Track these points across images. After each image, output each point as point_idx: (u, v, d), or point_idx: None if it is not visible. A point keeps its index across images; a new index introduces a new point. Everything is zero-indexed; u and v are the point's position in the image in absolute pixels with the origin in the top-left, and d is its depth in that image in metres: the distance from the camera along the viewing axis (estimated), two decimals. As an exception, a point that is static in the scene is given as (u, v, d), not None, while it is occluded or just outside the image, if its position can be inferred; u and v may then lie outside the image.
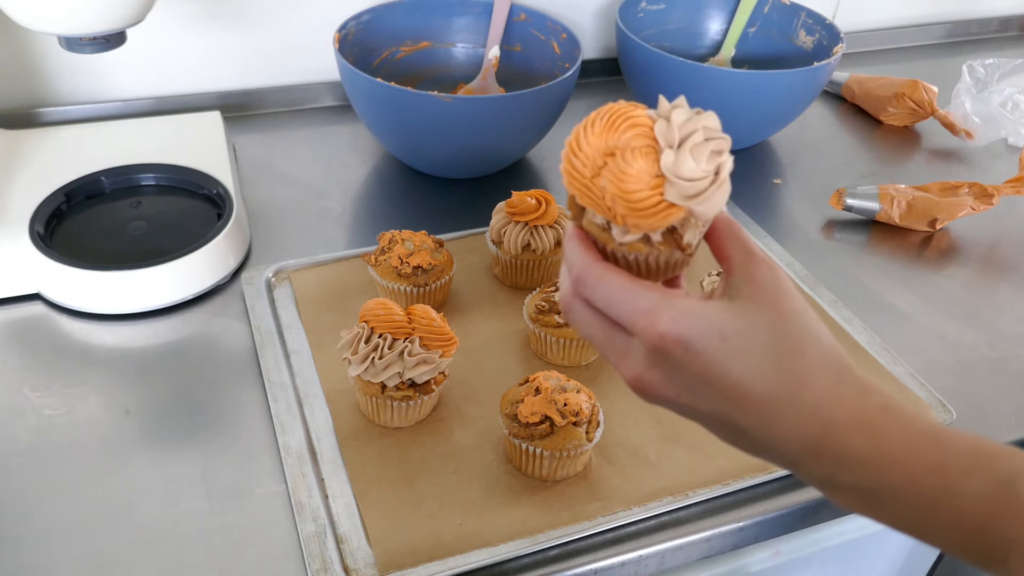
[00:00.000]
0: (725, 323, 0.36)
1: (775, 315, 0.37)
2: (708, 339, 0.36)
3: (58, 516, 0.55)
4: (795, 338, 0.36)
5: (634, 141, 0.37)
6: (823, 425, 0.36)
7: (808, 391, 0.36)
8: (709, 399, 0.37)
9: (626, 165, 0.37)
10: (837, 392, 0.36)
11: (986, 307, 0.79)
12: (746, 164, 0.98)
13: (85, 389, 0.64)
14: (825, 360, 0.37)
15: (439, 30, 0.99)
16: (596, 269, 0.39)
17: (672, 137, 0.37)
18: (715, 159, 0.37)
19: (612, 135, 0.38)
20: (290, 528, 0.55)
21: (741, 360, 0.36)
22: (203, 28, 0.93)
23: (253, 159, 0.91)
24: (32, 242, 0.70)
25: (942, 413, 0.65)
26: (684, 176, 0.36)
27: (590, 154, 0.38)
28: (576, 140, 0.39)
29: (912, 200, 0.87)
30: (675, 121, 0.37)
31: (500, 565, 0.53)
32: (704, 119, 0.38)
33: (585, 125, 0.39)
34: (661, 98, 0.38)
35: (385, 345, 0.58)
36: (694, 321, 0.36)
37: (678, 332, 0.36)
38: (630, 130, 0.37)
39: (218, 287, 0.74)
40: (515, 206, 0.73)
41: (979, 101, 1.03)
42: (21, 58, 0.89)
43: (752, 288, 0.37)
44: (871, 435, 0.36)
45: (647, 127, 0.37)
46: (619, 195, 0.37)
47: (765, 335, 0.36)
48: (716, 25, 1.09)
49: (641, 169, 0.37)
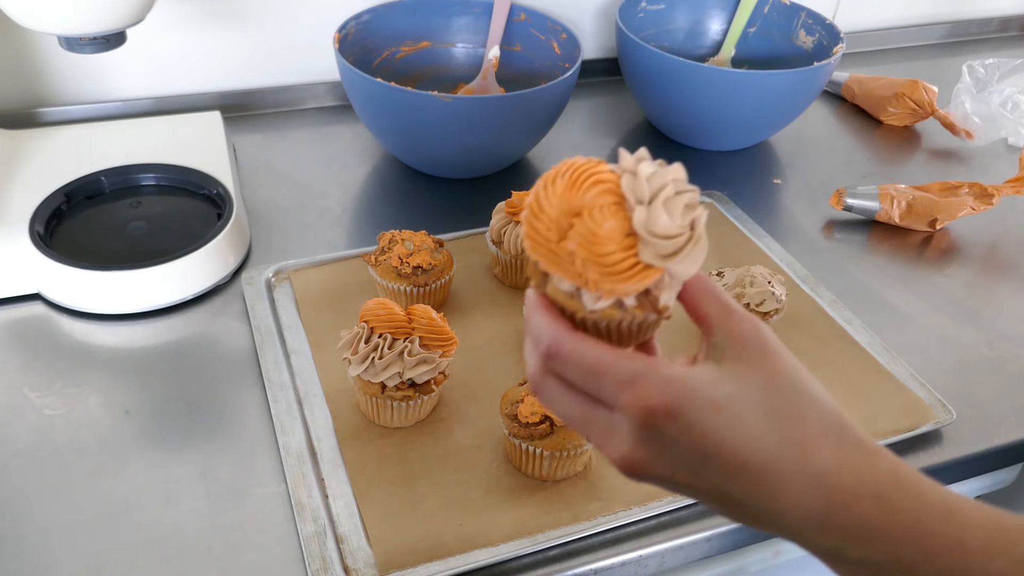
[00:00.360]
0: (716, 390, 0.34)
1: (768, 376, 0.34)
2: (701, 409, 0.33)
3: (58, 516, 0.55)
4: (793, 400, 0.34)
5: (601, 199, 0.34)
6: (830, 495, 0.33)
7: (812, 458, 0.34)
8: (706, 474, 0.34)
9: (596, 225, 0.34)
10: (843, 458, 0.34)
11: (986, 307, 0.79)
12: (746, 164, 0.98)
13: (85, 389, 0.64)
14: (826, 422, 0.34)
15: (439, 30, 0.99)
16: (569, 342, 0.35)
17: (642, 191, 0.34)
18: (689, 213, 0.35)
19: (576, 193, 0.35)
20: (290, 528, 0.55)
21: (738, 429, 0.33)
22: (203, 28, 0.93)
23: (253, 159, 0.91)
24: (32, 242, 0.70)
25: (942, 413, 0.65)
26: (659, 233, 0.34)
27: (554, 215, 0.35)
28: (537, 201, 0.36)
29: (912, 200, 0.87)
30: (642, 174, 0.34)
31: (500, 565, 0.53)
32: (672, 171, 0.35)
33: (545, 184, 0.36)
34: (622, 152, 0.36)
35: (385, 345, 0.58)
36: (684, 391, 0.33)
37: (668, 404, 0.33)
38: (595, 187, 0.35)
39: (218, 287, 0.74)
40: (515, 206, 0.73)
41: (979, 101, 1.03)
42: (21, 58, 0.89)
43: (737, 347, 0.35)
44: (882, 506, 0.33)
45: (612, 183, 0.35)
46: (591, 258, 0.34)
47: (760, 399, 0.34)
48: (716, 25, 1.09)
49: (612, 228, 0.34)
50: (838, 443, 0.34)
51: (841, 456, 0.34)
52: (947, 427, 0.65)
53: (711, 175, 0.95)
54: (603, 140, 1.01)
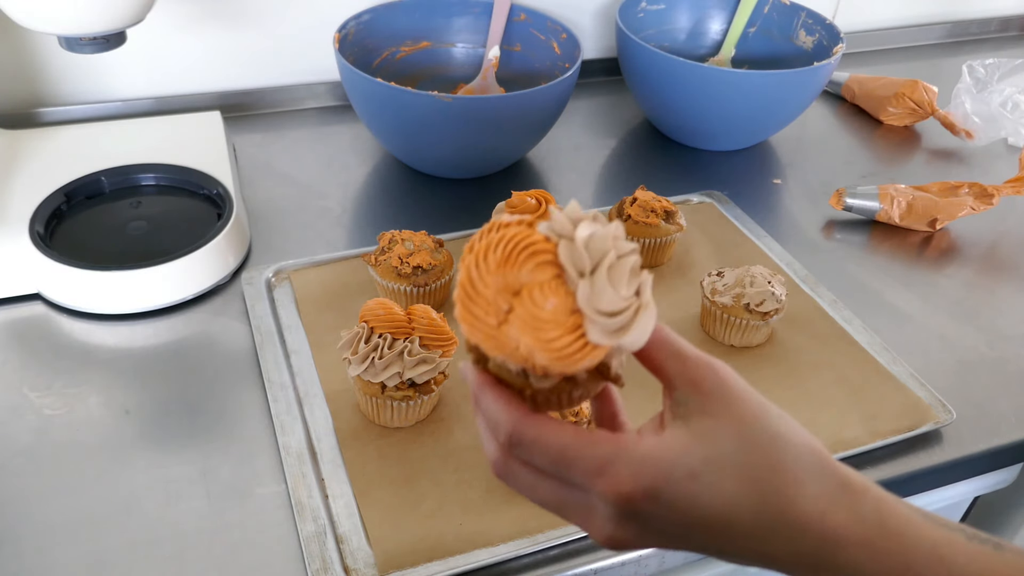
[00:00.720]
0: (689, 457, 0.33)
1: (737, 428, 0.33)
2: (678, 484, 0.32)
3: (58, 516, 0.55)
4: (766, 450, 0.33)
5: (539, 274, 0.32)
6: (816, 542, 0.33)
7: (793, 508, 0.33)
8: (695, 539, 0.34)
9: (537, 309, 0.32)
10: (827, 503, 0.33)
11: (986, 307, 0.79)
12: (746, 164, 0.98)
13: (85, 389, 0.64)
14: (804, 466, 0.34)
15: (439, 30, 0.99)
16: (531, 429, 0.34)
17: (582, 262, 0.32)
18: (635, 279, 0.33)
19: (511, 270, 0.32)
20: (290, 528, 0.55)
21: (718, 492, 0.33)
22: (203, 28, 0.93)
23: (253, 159, 0.91)
24: (32, 242, 0.70)
25: (942, 413, 0.65)
26: (606, 310, 0.32)
27: (490, 297, 0.32)
28: (470, 281, 0.33)
29: (912, 200, 0.87)
30: (580, 241, 0.32)
31: (500, 565, 0.53)
32: (610, 230, 0.33)
33: (476, 261, 0.33)
34: (553, 211, 0.33)
35: (385, 345, 0.58)
36: (658, 470, 0.33)
37: (644, 488, 0.32)
38: (530, 260, 0.32)
39: (218, 287, 0.74)
40: (515, 206, 0.72)
41: (979, 101, 1.03)
42: (21, 58, 0.89)
43: (701, 399, 0.34)
44: (869, 552, 0.33)
45: (549, 253, 0.32)
46: (536, 344, 0.32)
47: (734, 456, 0.33)
48: (716, 25, 1.09)
49: (556, 309, 0.32)
50: (819, 487, 0.33)
51: (824, 502, 0.33)
52: (947, 427, 0.65)
53: (711, 175, 0.95)
54: (603, 140, 1.01)
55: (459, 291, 0.34)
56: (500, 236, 0.33)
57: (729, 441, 0.33)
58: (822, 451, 0.35)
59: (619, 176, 0.96)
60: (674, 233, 0.77)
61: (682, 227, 0.78)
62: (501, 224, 0.34)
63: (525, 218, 0.34)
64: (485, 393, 0.35)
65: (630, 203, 0.78)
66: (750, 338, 0.70)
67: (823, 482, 0.34)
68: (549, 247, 0.33)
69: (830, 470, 0.34)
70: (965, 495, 0.73)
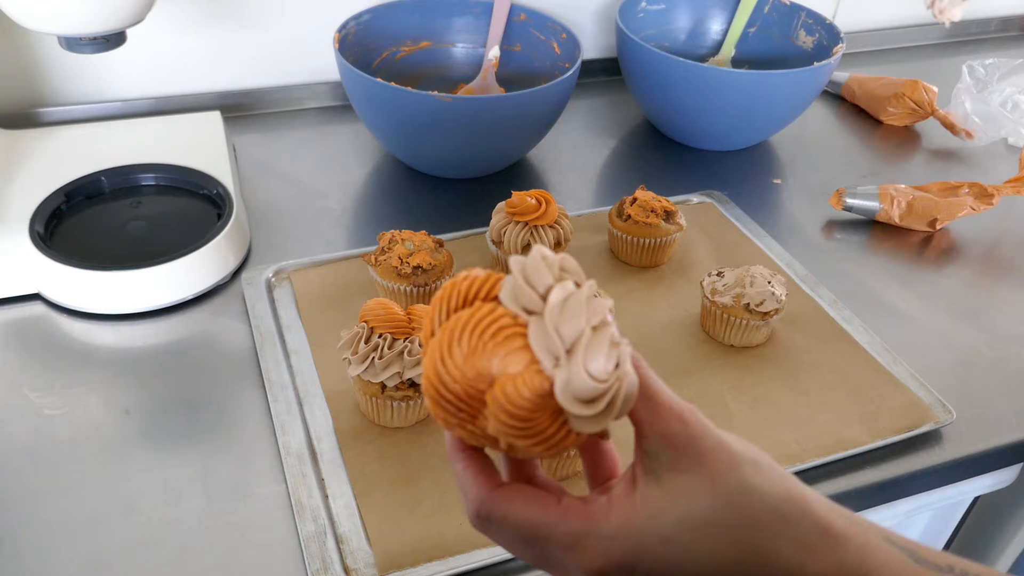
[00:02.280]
0: (661, 522, 0.32)
1: (710, 484, 0.32)
2: (651, 552, 0.32)
3: (58, 516, 0.55)
4: (740, 505, 0.32)
5: (510, 364, 0.30)
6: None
7: (774, 561, 0.32)
8: None
9: (513, 407, 0.29)
10: (807, 552, 0.32)
11: (986, 307, 0.79)
12: (746, 164, 0.98)
13: (85, 389, 0.64)
14: (781, 518, 0.32)
15: (439, 30, 0.99)
16: (498, 508, 0.33)
17: (555, 348, 0.29)
18: (613, 353, 0.30)
19: (481, 361, 0.30)
20: (290, 528, 0.55)
21: (694, 555, 0.32)
22: (203, 28, 0.93)
23: (253, 159, 0.91)
24: (32, 242, 0.70)
25: (942, 413, 0.65)
26: (586, 398, 0.30)
27: (461, 392, 0.31)
28: (439, 380, 0.31)
29: (912, 200, 0.87)
30: (550, 318, 0.29)
31: (500, 565, 0.53)
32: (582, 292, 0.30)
33: (442, 354, 0.31)
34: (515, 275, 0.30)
35: (385, 345, 0.58)
36: (627, 542, 0.32)
37: (616, 561, 0.32)
38: (500, 349, 0.30)
39: (218, 287, 0.74)
40: (515, 206, 0.73)
41: (979, 101, 1.03)
42: (21, 58, 0.89)
43: (671, 452, 0.33)
44: None
45: (519, 336, 0.30)
46: (518, 442, 0.31)
47: (707, 514, 0.32)
48: (716, 25, 1.09)
49: (530, 401, 0.29)
50: (800, 535, 0.33)
51: (804, 551, 0.32)
52: (947, 427, 0.65)
53: (711, 175, 0.95)
54: (603, 140, 1.01)
55: (427, 387, 0.32)
56: (465, 321, 0.31)
57: (702, 500, 0.32)
58: (801, 496, 0.33)
59: (619, 176, 0.96)
60: (674, 233, 0.77)
61: (682, 227, 0.78)
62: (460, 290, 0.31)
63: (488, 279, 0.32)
64: (456, 460, 0.35)
65: (630, 203, 0.78)
66: (750, 338, 0.70)
67: (802, 531, 0.33)
68: (519, 328, 0.30)
69: (810, 518, 0.33)
70: (965, 495, 0.73)
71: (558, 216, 0.74)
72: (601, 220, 0.83)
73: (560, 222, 0.74)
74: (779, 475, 0.34)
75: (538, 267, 0.30)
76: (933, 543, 0.80)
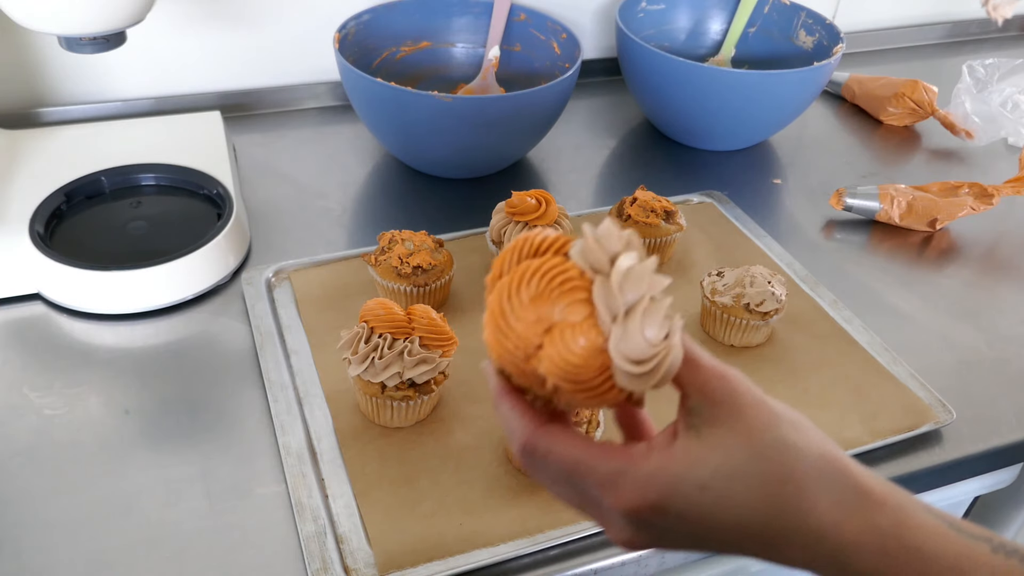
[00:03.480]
0: (698, 469, 0.33)
1: (747, 438, 0.33)
2: (686, 497, 0.33)
3: (58, 516, 0.55)
4: (777, 460, 0.33)
5: (571, 313, 0.32)
6: (833, 550, 0.33)
7: (809, 517, 0.33)
8: (712, 545, 0.35)
9: (568, 352, 0.32)
10: (841, 512, 0.33)
11: (986, 307, 0.79)
12: (746, 164, 0.98)
13: (85, 389, 0.64)
14: (817, 475, 0.33)
15: (439, 30, 0.99)
16: (542, 443, 0.35)
17: (615, 306, 0.32)
18: (666, 323, 0.32)
19: (544, 306, 0.32)
20: (290, 528, 0.55)
21: (729, 505, 0.33)
22: (203, 28, 0.93)
23: (253, 159, 0.91)
24: (32, 242, 0.70)
25: (942, 413, 0.65)
26: (635, 358, 0.32)
27: (521, 332, 0.33)
28: (502, 314, 0.33)
29: (912, 200, 0.87)
30: (615, 279, 0.31)
31: (500, 565, 0.53)
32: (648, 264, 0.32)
33: (509, 292, 0.33)
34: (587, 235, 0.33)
35: (385, 345, 0.58)
36: (663, 484, 0.33)
37: (651, 501, 0.33)
38: (564, 298, 0.32)
39: (218, 287, 0.74)
40: (515, 206, 0.73)
41: (979, 101, 1.03)
42: (21, 58, 0.89)
43: (712, 409, 0.34)
44: (887, 563, 0.33)
45: (583, 290, 0.32)
46: (565, 386, 0.32)
47: (745, 467, 0.33)
48: (716, 25, 1.09)
49: (584, 350, 0.32)
50: (836, 496, 0.33)
51: (840, 511, 0.33)
52: (947, 427, 0.65)
53: (711, 175, 0.95)
54: (603, 140, 1.01)
55: (489, 319, 0.34)
56: (535, 268, 0.33)
57: (740, 452, 0.33)
58: (839, 458, 0.34)
59: (619, 176, 0.96)
60: (674, 233, 0.77)
61: (682, 227, 0.78)
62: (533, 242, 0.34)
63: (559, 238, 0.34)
64: (503, 401, 0.36)
65: (630, 203, 0.78)
66: (750, 338, 0.70)
67: (839, 491, 0.33)
68: (584, 283, 0.32)
69: (848, 479, 0.34)
70: (965, 495, 0.73)
71: (558, 216, 0.73)
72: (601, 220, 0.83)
73: (560, 222, 0.74)
74: (818, 436, 0.34)
75: (610, 233, 0.33)
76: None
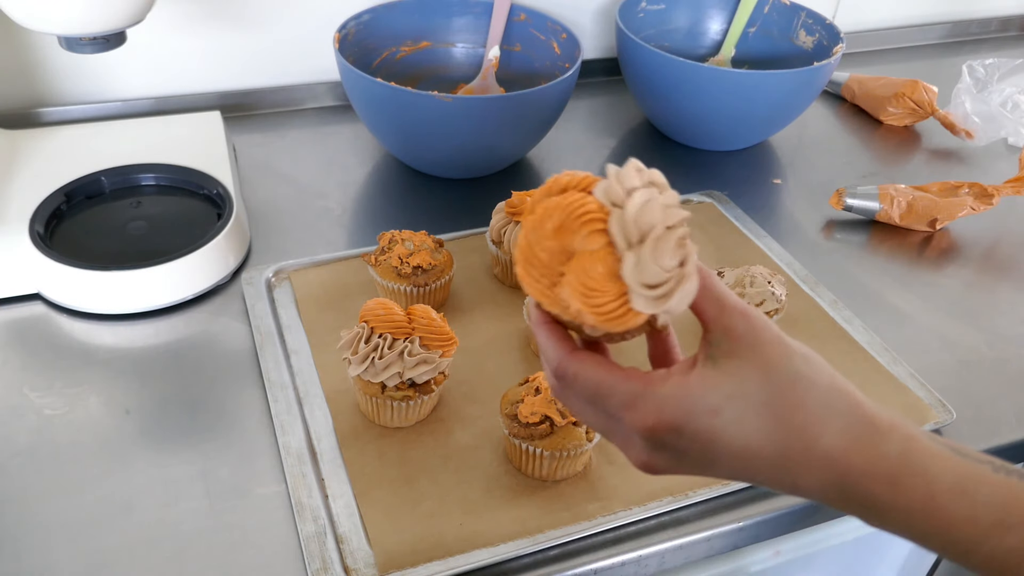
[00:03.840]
0: (713, 395, 0.35)
1: (763, 369, 0.35)
2: (700, 418, 0.35)
3: (58, 516, 0.55)
4: (789, 389, 0.35)
5: (590, 243, 0.35)
6: (841, 475, 0.35)
7: (818, 443, 0.35)
8: (722, 469, 0.37)
9: (586, 276, 0.34)
10: (849, 439, 0.35)
11: (986, 307, 0.79)
12: (746, 164, 0.98)
13: (85, 389, 0.64)
14: (827, 405, 0.36)
15: (439, 30, 0.99)
16: (572, 365, 0.38)
17: (630, 234, 0.34)
18: (680, 251, 0.35)
19: (565, 237, 0.35)
20: (290, 528, 0.55)
21: (740, 428, 0.35)
22: (203, 28, 0.93)
23: (253, 159, 0.91)
24: (32, 242, 0.70)
25: (942, 413, 0.65)
26: (649, 283, 0.34)
27: (546, 260, 0.36)
28: (528, 246, 0.36)
29: (912, 200, 0.87)
30: (630, 211, 0.34)
31: (500, 565, 0.53)
32: (664, 198, 0.35)
33: (534, 225, 0.36)
34: (610, 172, 0.35)
35: (385, 345, 0.58)
36: (680, 405, 0.35)
37: (667, 421, 0.35)
38: (583, 228, 0.35)
39: (218, 287, 0.74)
40: (515, 206, 0.73)
41: (979, 101, 1.03)
42: (21, 58, 0.89)
43: (731, 342, 0.36)
44: (893, 486, 0.35)
45: (601, 222, 0.35)
46: (585, 307, 0.35)
47: (757, 394, 0.35)
48: (716, 25, 1.09)
49: (602, 276, 0.35)
50: (845, 424, 0.35)
51: (848, 438, 0.35)
52: (947, 427, 0.65)
53: (711, 175, 0.95)
54: (603, 140, 1.01)
55: (518, 253, 0.37)
56: (558, 203, 0.35)
57: (753, 381, 0.35)
58: (850, 392, 0.36)
59: (619, 176, 0.96)
60: (674, 233, 0.77)
61: (682, 227, 0.78)
62: (560, 181, 0.37)
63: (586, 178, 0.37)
64: (540, 330, 0.39)
65: (630, 203, 0.77)
66: (750, 338, 0.70)
67: (848, 420, 0.35)
68: (602, 216, 0.35)
69: (857, 409, 0.36)
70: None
71: (558, 216, 0.73)
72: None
73: (560, 222, 0.74)
74: (829, 371, 0.37)
75: (630, 172, 0.36)
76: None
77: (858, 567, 0.77)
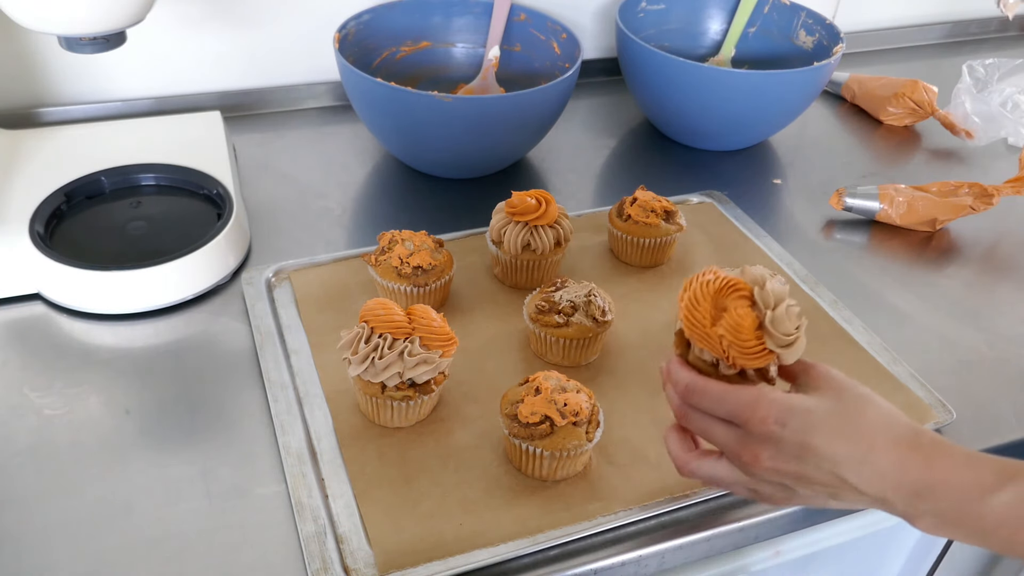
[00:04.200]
0: (807, 404, 0.48)
1: (836, 394, 0.49)
2: (798, 415, 0.47)
3: (58, 516, 0.55)
4: (852, 404, 0.48)
5: (739, 304, 0.49)
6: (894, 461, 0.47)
7: (875, 446, 0.47)
8: (810, 460, 0.47)
9: (740, 319, 0.49)
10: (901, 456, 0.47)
11: (986, 307, 0.79)
12: (746, 164, 0.98)
13: (85, 389, 0.64)
14: (882, 416, 0.48)
15: (439, 30, 0.99)
16: (700, 381, 0.50)
17: (768, 300, 0.49)
18: (797, 320, 0.50)
19: (721, 298, 0.50)
20: (290, 528, 0.55)
21: (822, 427, 0.47)
22: (203, 28, 0.93)
23: (253, 159, 0.91)
24: (32, 242, 0.70)
25: (942, 413, 0.65)
26: (781, 331, 0.49)
27: (708, 308, 0.50)
28: (695, 297, 0.50)
29: (912, 200, 0.87)
30: (768, 289, 0.49)
31: (500, 565, 0.54)
32: (786, 288, 0.50)
33: (700, 287, 0.50)
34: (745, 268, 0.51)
35: (385, 345, 0.58)
36: (786, 405, 0.48)
37: (776, 414, 0.48)
38: (734, 293, 0.50)
39: (218, 287, 0.74)
40: (515, 206, 0.73)
41: (979, 101, 1.03)
42: (21, 58, 0.89)
43: (815, 384, 0.50)
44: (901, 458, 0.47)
45: (747, 292, 0.50)
46: (733, 342, 0.49)
47: (833, 408, 0.48)
48: (716, 25, 1.09)
49: (750, 324, 0.49)
50: (895, 436, 0.48)
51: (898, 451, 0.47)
52: (947, 427, 0.65)
53: (711, 175, 0.95)
54: (603, 140, 1.01)
55: (685, 306, 0.51)
56: (715, 277, 0.50)
57: (830, 401, 0.49)
58: (902, 417, 0.49)
59: (619, 176, 0.96)
60: (674, 233, 0.77)
61: (682, 227, 0.78)
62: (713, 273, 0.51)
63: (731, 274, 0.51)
64: (678, 367, 0.52)
65: (630, 203, 0.78)
66: (750, 338, 0.70)
67: (898, 436, 0.48)
68: (747, 289, 0.50)
69: (904, 421, 0.49)
70: None
71: (558, 216, 0.74)
72: (601, 220, 0.83)
73: (560, 222, 0.74)
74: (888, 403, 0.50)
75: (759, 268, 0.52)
76: (931, 544, 0.80)
77: (858, 567, 0.77)
